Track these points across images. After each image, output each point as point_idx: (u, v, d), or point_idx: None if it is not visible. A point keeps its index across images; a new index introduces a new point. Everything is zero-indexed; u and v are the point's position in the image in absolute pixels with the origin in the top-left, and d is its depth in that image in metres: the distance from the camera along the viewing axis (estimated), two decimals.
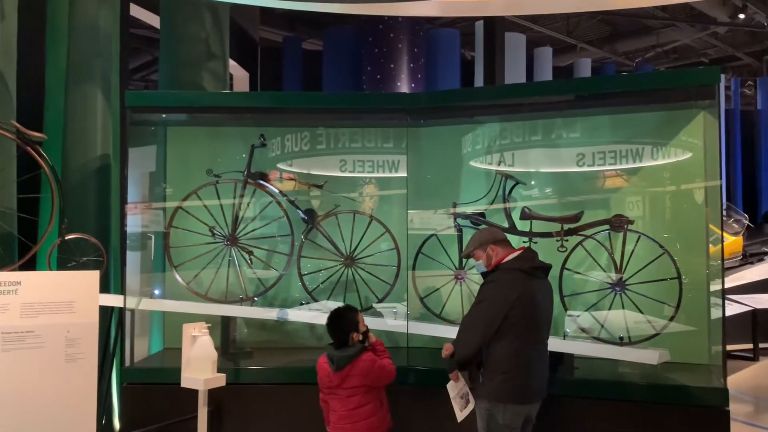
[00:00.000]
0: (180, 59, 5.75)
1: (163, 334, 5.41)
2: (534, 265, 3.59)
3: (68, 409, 3.88)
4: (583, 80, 8.23)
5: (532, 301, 3.48)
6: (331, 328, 3.84)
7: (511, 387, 3.43)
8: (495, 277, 3.56)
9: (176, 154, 5.43)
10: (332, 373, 3.70)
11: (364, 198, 5.58)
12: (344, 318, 3.84)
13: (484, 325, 3.44)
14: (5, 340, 3.75)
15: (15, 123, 4.43)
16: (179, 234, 5.10)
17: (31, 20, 5.36)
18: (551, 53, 14.01)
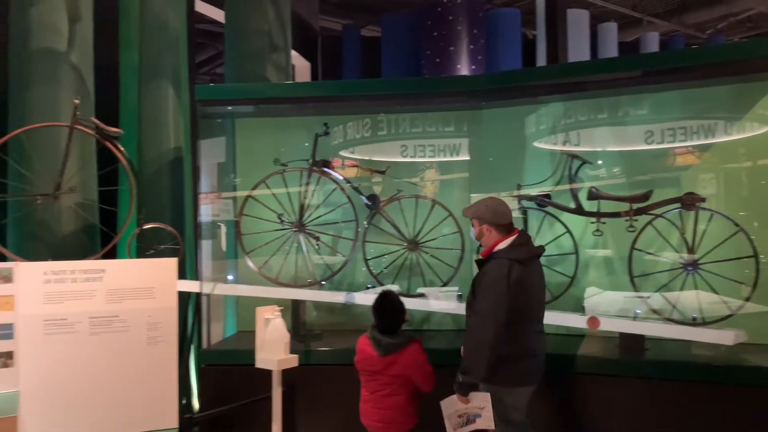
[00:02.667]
0: (245, 52, 5.92)
1: (237, 317, 5.63)
2: (530, 253, 3.56)
3: (151, 389, 4.11)
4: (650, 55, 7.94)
5: (529, 288, 3.50)
6: (383, 313, 3.74)
7: (516, 372, 3.51)
8: (491, 273, 3.45)
9: (244, 144, 5.61)
10: (376, 358, 3.62)
11: (425, 182, 5.61)
12: (398, 305, 3.77)
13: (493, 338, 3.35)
14: (93, 324, 4.00)
15: (94, 120, 4.68)
16: (250, 222, 5.28)
17: (105, 21, 5.62)
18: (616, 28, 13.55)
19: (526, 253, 3.52)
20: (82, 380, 3.91)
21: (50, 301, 3.90)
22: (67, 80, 5.02)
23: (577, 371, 4.35)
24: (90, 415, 3.90)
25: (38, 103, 4.91)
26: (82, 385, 3.90)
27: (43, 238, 4.84)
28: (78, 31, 5.15)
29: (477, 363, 3.39)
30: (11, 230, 4.84)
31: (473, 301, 3.54)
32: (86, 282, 4.00)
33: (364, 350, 3.70)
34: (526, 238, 3.65)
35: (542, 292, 3.72)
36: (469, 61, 9.54)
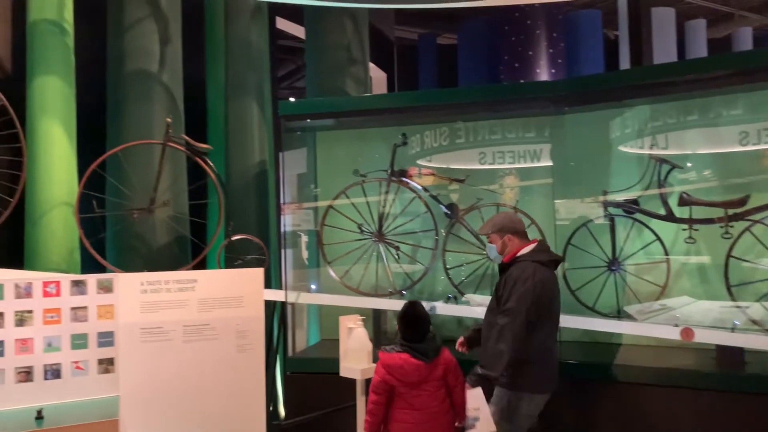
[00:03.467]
0: (325, 66, 6.05)
1: (320, 326, 5.74)
2: (551, 258, 3.67)
3: (240, 395, 4.24)
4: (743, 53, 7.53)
5: (550, 292, 3.58)
6: (413, 323, 3.72)
7: (538, 377, 3.54)
8: (516, 274, 3.53)
9: (324, 156, 5.73)
10: (423, 367, 3.59)
11: (504, 189, 5.53)
12: (423, 311, 3.79)
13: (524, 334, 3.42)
14: (186, 332, 4.18)
15: (185, 137, 4.90)
16: (330, 231, 5.37)
17: (193, 43, 5.90)
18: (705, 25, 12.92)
19: (548, 257, 3.65)
20: (177, 386, 4.08)
21: (147, 310, 4.10)
22: (160, 100, 5.30)
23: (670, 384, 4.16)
24: (184, 420, 4.07)
25: (133, 122, 5.21)
26: (176, 390, 4.08)
27: (139, 250, 5.11)
28: (168, 53, 5.43)
29: (498, 358, 3.43)
30: (110, 243, 5.14)
31: (495, 306, 3.60)
32: (179, 292, 4.18)
33: (403, 366, 3.61)
34: (545, 246, 3.77)
35: (559, 301, 3.75)
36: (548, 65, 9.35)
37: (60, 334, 3.90)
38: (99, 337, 4.00)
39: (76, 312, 3.97)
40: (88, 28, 5.35)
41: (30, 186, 4.74)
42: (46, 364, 3.85)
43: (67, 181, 4.90)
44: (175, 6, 5.55)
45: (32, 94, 4.89)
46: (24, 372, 3.80)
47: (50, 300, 3.91)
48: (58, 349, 3.89)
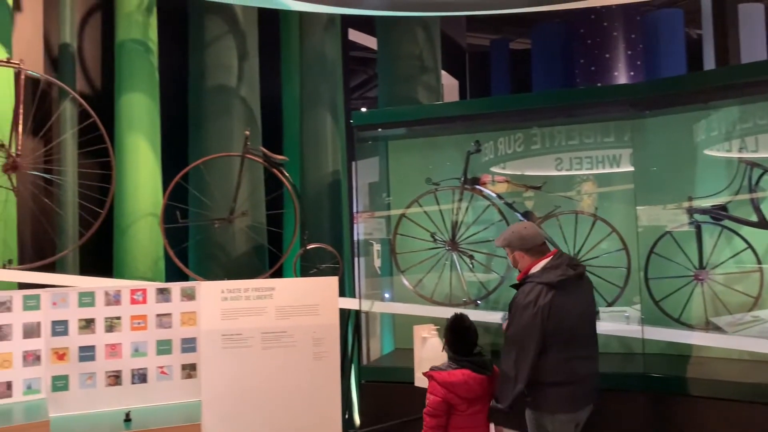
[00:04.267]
0: (396, 76, 6.08)
1: (394, 334, 5.74)
2: (563, 276, 3.39)
3: (317, 402, 4.28)
4: None
5: (562, 312, 3.34)
6: (465, 336, 3.60)
7: (557, 397, 3.38)
8: (519, 299, 3.41)
9: (397, 165, 5.75)
10: (485, 381, 3.49)
11: (582, 196, 5.38)
12: (471, 323, 3.66)
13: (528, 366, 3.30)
14: (265, 339, 4.26)
15: (262, 148, 5.03)
16: (404, 240, 5.38)
17: (269, 57, 6.06)
18: None
19: (558, 276, 3.39)
20: (256, 392, 4.17)
21: (227, 317, 4.21)
22: (238, 113, 5.47)
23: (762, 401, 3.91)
24: (263, 425, 4.14)
25: (213, 135, 5.40)
26: (255, 396, 4.16)
27: (220, 259, 5.28)
28: (246, 67, 5.61)
29: (503, 390, 3.36)
30: (192, 252, 5.33)
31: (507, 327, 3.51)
32: (258, 299, 4.28)
33: (467, 381, 3.49)
34: (562, 260, 3.51)
35: (586, 315, 3.54)
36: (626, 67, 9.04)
37: (146, 339, 4.07)
38: (182, 343, 4.15)
39: (161, 319, 4.13)
40: (170, 46, 5.59)
41: (118, 198, 4.98)
42: (133, 369, 4.03)
43: (153, 193, 5.12)
44: (252, 22, 5.73)
45: (120, 110, 5.15)
46: (113, 376, 3.99)
47: (137, 307, 4.08)
48: (144, 354, 4.06)
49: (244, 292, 4.28)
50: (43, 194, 4.75)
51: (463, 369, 3.49)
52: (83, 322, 3.95)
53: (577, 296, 3.48)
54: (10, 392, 3.76)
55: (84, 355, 3.93)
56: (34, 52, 5.09)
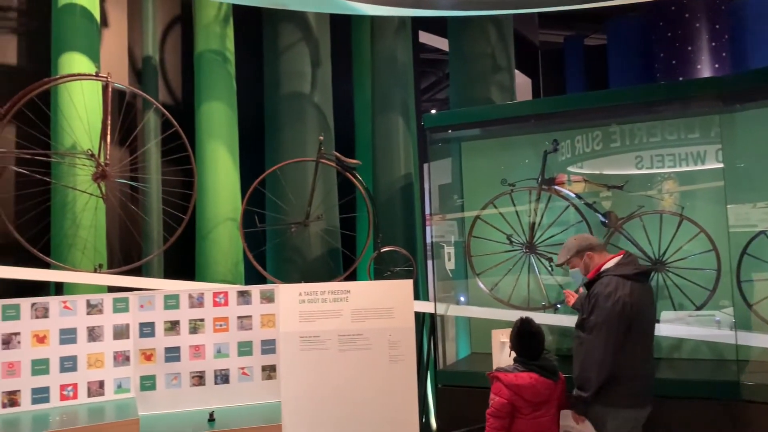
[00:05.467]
0: (469, 76, 6.02)
1: (470, 338, 5.66)
2: (637, 270, 3.52)
3: (394, 405, 4.27)
4: None
5: (637, 306, 3.43)
6: (531, 340, 3.63)
7: (624, 392, 3.41)
8: (599, 290, 3.48)
9: (470, 166, 5.67)
10: (552, 385, 3.52)
11: (663, 195, 5.14)
12: (538, 327, 3.69)
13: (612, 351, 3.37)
14: (341, 341, 4.29)
15: (335, 153, 5.08)
16: (478, 242, 5.30)
17: (341, 62, 6.12)
18: None
19: (633, 270, 3.52)
20: (334, 394, 4.20)
21: (305, 319, 4.27)
22: (312, 119, 5.55)
23: None
24: (341, 427, 4.17)
25: (288, 141, 5.49)
26: (333, 398, 4.19)
27: (296, 262, 5.36)
28: (319, 74, 5.68)
29: (588, 379, 3.41)
30: (270, 255, 5.44)
31: (582, 323, 3.55)
32: (334, 302, 4.31)
33: (535, 385, 3.48)
34: (632, 258, 3.64)
35: (652, 314, 3.62)
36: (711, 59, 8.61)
37: (228, 341, 4.18)
38: (262, 344, 4.23)
39: (242, 321, 4.23)
40: (246, 55, 5.73)
41: (200, 204, 5.14)
42: (216, 369, 4.14)
43: (232, 198, 5.26)
44: (324, 29, 5.80)
45: (200, 118, 5.32)
46: (197, 376, 4.11)
47: (219, 309, 4.20)
48: (226, 356, 4.17)
49: (321, 295, 4.32)
50: (129, 201, 4.96)
51: (530, 372, 3.52)
52: (169, 324, 4.10)
53: (646, 295, 3.56)
54: (102, 391, 3.94)
55: (170, 356, 4.07)
56: (120, 66, 5.33)
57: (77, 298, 3.96)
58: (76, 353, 3.90)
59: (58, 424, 3.46)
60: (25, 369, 3.76)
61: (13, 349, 3.75)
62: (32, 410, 3.73)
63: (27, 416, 3.65)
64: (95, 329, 3.96)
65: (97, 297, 4.01)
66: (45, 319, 3.84)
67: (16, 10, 4.96)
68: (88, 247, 4.57)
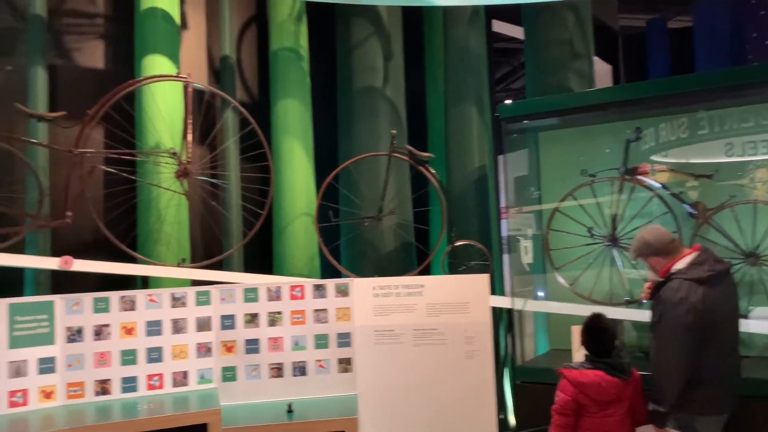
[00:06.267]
0: (545, 64, 5.85)
1: (549, 334, 5.51)
2: (711, 272, 3.29)
3: (471, 402, 4.21)
4: None
5: (711, 312, 3.24)
6: (600, 336, 3.50)
7: (707, 397, 3.27)
8: (667, 296, 3.30)
9: (548, 157, 5.52)
10: (619, 384, 3.39)
11: (756, 184, 4.82)
12: (609, 324, 3.53)
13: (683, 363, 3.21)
14: (416, 336, 4.27)
15: (408, 146, 5.05)
16: (557, 236, 5.14)
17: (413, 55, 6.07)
18: None
19: (706, 272, 3.30)
20: (410, 388, 4.19)
21: (379, 313, 4.28)
22: (384, 113, 5.55)
23: None
24: (417, 422, 4.15)
25: (361, 136, 5.51)
26: (409, 393, 4.18)
27: (370, 256, 5.38)
28: (391, 67, 5.67)
29: (662, 393, 3.29)
30: (344, 250, 5.48)
31: (654, 326, 3.42)
32: (408, 296, 4.30)
33: (600, 383, 3.38)
34: (708, 255, 3.42)
35: (731, 311, 3.42)
36: None
37: (305, 334, 4.24)
38: (338, 337, 4.27)
39: (318, 314, 4.28)
40: (319, 51, 5.79)
41: (276, 199, 5.24)
42: (294, 362, 4.21)
43: (307, 193, 5.33)
44: (396, 22, 5.78)
45: (275, 116, 5.42)
46: (276, 368, 4.19)
47: (296, 302, 4.26)
48: (303, 348, 4.23)
49: (395, 289, 4.31)
50: (210, 198, 5.11)
51: (597, 370, 3.42)
52: (248, 317, 4.20)
53: (725, 293, 3.39)
54: (186, 381, 4.08)
55: (250, 348, 4.17)
56: (199, 66, 5.50)
57: (162, 292, 4.11)
58: (161, 345, 4.05)
59: (146, 412, 3.60)
60: (115, 359, 3.95)
61: (104, 340, 3.94)
62: (122, 398, 3.91)
63: (117, 404, 3.83)
64: (179, 321, 4.11)
65: (180, 290, 4.15)
66: (132, 311, 4.01)
67: (102, 16, 5.20)
68: (172, 242, 4.74)
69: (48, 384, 3.78)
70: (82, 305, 3.91)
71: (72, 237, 4.70)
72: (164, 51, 4.89)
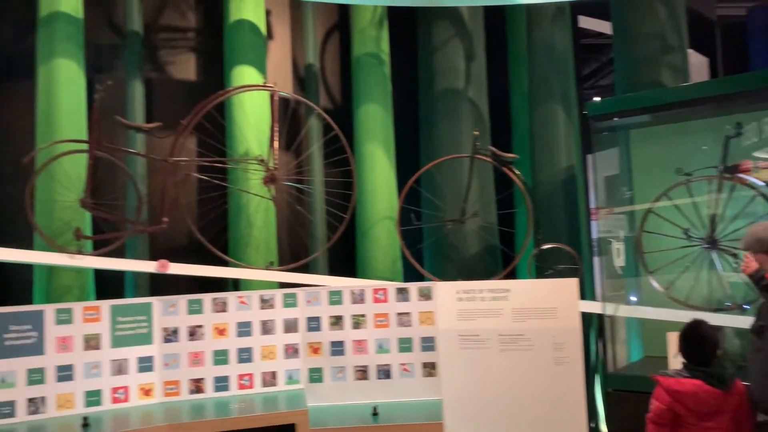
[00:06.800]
0: (635, 59, 5.59)
1: (643, 341, 5.27)
2: None
3: (560, 409, 4.09)
4: None
5: None
6: (699, 344, 3.30)
7: None
8: None
9: (640, 155, 5.29)
10: (720, 395, 3.19)
11: None
12: (711, 331, 3.31)
13: None
14: (502, 341, 4.19)
15: (491, 147, 4.97)
16: (651, 238, 4.91)
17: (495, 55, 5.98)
18: None
19: None
20: (496, 394, 4.11)
21: (463, 317, 4.23)
22: (466, 114, 5.49)
23: None
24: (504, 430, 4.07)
25: (443, 138, 5.48)
26: (495, 398, 4.11)
27: (453, 260, 5.33)
28: (474, 68, 5.60)
29: None
30: (427, 253, 5.46)
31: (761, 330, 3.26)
32: (493, 301, 4.23)
33: (698, 393, 3.18)
34: None
35: None
36: None
37: (388, 337, 4.26)
38: (422, 341, 4.26)
39: (401, 317, 4.29)
40: (400, 55, 5.80)
41: (359, 203, 5.29)
42: (378, 365, 4.23)
43: (389, 197, 5.36)
44: (478, 23, 5.71)
45: (358, 120, 5.48)
46: (361, 370, 4.23)
47: (380, 306, 4.29)
48: (387, 351, 4.24)
49: (479, 293, 4.26)
50: (295, 202, 5.23)
51: (695, 379, 3.24)
52: (333, 319, 4.26)
53: None
54: (275, 381, 4.19)
55: (335, 350, 4.23)
56: (284, 75, 5.65)
57: (252, 294, 4.25)
58: (251, 345, 4.18)
59: (237, 411, 3.72)
60: (208, 359, 4.11)
61: (198, 341, 4.11)
62: (215, 397, 4.07)
63: (210, 402, 3.98)
64: (267, 323, 4.23)
65: (269, 293, 4.27)
66: (224, 313, 4.17)
67: (193, 30, 5.44)
68: (260, 245, 4.88)
69: (147, 382, 3.99)
70: (178, 307, 4.09)
71: (168, 241, 4.93)
72: (252, 62, 5.06)
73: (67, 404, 3.76)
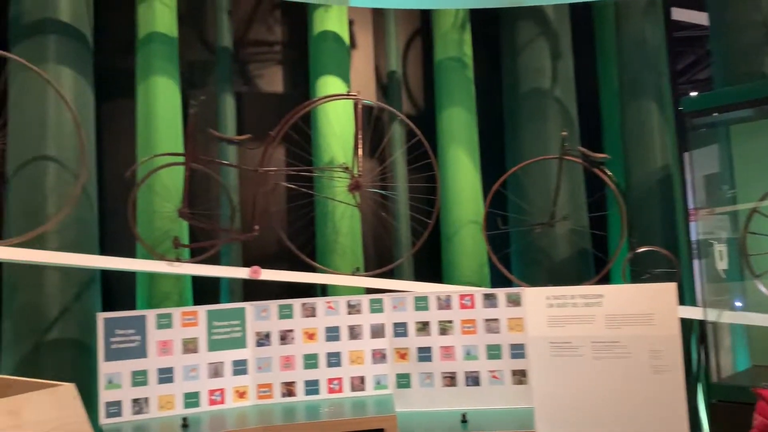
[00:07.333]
0: (736, 51, 5.26)
1: (750, 349, 4.94)
2: None
3: (658, 420, 3.88)
4: None
5: None
6: None
7: None
8: None
9: (743, 152, 4.97)
10: None
11: None
12: None
13: None
14: (595, 348, 4.03)
15: (580, 148, 4.82)
16: (757, 239, 4.60)
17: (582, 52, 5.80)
18: None
19: None
20: (590, 403, 3.96)
21: (554, 324, 4.10)
22: (553, 115, 5.35)
23: None
24: None
25: (529, 140, 5.36)
26: (591, 408, 3.96)
27: (542, 264, 5.20)
28: (560, 67, 5.45)
29: None
30: (515, 258, 5.36)
31: None
32: (586, 307, 4.08)
33: None
34: None
35: None
36: None
37: (476, 343, 4.20)
38: (511, 348, 4.18)
39: (489, 323, 4.22)
40: (483, 57, 5.74)
41: (443, 208, 5.27)
42: (466, 371, 4.18)
43: (474, 201, 5.30)
44: (564, 21, 5.56)
45: (441, 125, 5.46)
46: (449, 377, 4.19)
47: (466, 312, 4.24)
48: (475, 358, 4.19)
49: (571, 299, 4.11)
50: (380, 209, 5.27)
51: None
52: (420, 325, 4.25)
53: None
54: (363, 386, 4.22)
55: (422, 356, 4.22)
56: (368, 83, 5.72)
57: (339, 299, 4.31)
58: (340, 350, 4.24)
59: (328, 414, 3.78)
60: (299, 363, 4.20)
61: (289, 345, 4.21)
62: (305, 400, 4.15)
63: (301, 405, 4.07)
64: (355, 328, 4.27)
65: (355, 298, 4.32)
66: (313, 317, 4.25)
67: (280, 44, 5.61)
68: (346, 252, 4.96)
69: (241, 384, 4.12)
70: (269, 311, 4.22)
71: (259, 249, 5.09)
72: (336, 71, 5.15)
73: (167, 405, 3.95)
